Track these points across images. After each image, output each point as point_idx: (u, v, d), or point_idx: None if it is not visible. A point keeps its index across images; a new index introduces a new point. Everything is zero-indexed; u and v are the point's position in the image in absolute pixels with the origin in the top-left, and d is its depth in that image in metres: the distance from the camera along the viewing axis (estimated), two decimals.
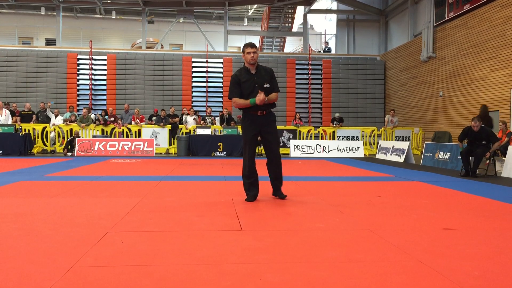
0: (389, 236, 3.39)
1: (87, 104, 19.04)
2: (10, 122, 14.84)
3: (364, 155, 14.85)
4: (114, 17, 25.41)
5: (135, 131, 15.32)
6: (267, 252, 2.91)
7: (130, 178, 7.47)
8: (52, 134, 15.28)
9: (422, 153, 12.19)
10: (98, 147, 14.13)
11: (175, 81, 20.02)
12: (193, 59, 20.24)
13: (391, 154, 12.96)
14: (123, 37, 26.58)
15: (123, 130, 15.23)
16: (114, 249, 2.96)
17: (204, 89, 20.18)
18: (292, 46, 28.18)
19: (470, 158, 8.40)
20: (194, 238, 3.30)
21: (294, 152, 14.52)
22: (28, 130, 14.66)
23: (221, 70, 20.29)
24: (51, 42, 24.13)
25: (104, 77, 19.82)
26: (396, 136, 16.20)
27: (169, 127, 15.36)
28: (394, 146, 13.03)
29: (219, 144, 14.34)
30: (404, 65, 18.87)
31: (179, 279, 2.37)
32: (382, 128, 16.37)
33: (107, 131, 15.23)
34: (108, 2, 22.03)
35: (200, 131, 14.69)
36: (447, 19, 15.50)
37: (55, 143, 15.30)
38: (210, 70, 20.22)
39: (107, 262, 2.68)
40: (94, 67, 19.81)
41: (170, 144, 15.38)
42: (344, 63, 20.80)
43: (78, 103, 19.51)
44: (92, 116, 15.85)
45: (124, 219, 3.94)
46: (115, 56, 19.86)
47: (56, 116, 15.58)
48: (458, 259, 2.78)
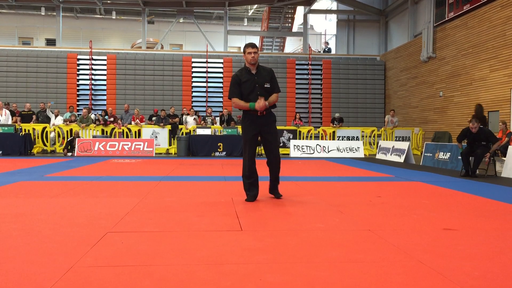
0: (389, 236, 3.39)
1: (87, 104, 19.04)
2: (10, 122, 14.84)
3: (364, 155, 14.85)
4: (114, 17, 25.42)
5: (135, 131, 15.32)
6: (267, 252, 2.91)
7: (130, 178, 7.47)
8: (52, 134, 15.27)
9: (422, 153, 12.19)
10: (98, 147, 14.13)
11: (175, 81, 20.02)
12: (193, 59, 20.25)
13: (391, 154, 12.96)
14: (123, 37, 26.58)
15: (123, 130, 15.23)
16: (114, 249, 2.96)
17: (204, 89, 20.18)
18: (292, 46, 28.18)
19: (470, 159, 8.40)
20: (194, 238, 3.29)
21: (294, 152, 14.52)
22: (28, 130, 14.66)
23: (221, 70, 20.30)
24: (51, 42, 24.13)
25: (104, 77, 19.83)
26: (396, 136, 16.19)
27: (169, 127, 15.36)
28: (394, 146, 13.03)
29: (219, 144, 14.34)
30: (404, 65, 18.87)
31: (179, 279, 2.37)
32: (382, 128, 16.37)
33: (107, 131, 15.22)
34: (108, 2, 22.03)
35: (200, 131, 14.69)
36: (447, 19, 15.50)
37: (55, 143, 15.30)
38: (210, 70, 20.22)
39: (107, 262, 2.68)
40: (94, 67, 19.81)
41: (170, 144, 15.38)
42: (344, 63, 20.80)
43: (78, 103, 19.51)
44: (92, 116, 15.85)
45: (124, 219, 3.94)
46: (115, 56, 19.86)
47: (56, 116, 15.58)
48: (458, 259, 2.78)
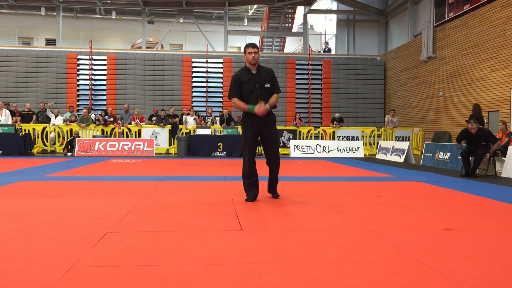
0: (389, 236, 3.39)
1: (87, 104, 19.05)
2: (10, 122, 14.84)
3: (364, 155, 14.85)
4: (114, 17, 25.42)
5: (135, 131, 15.32)
6: (267, 252, 2.91)
7: (130, 178, 7.47)
8: (52, 134, 15.27)
9: (422, 153, 12.19)
10: (98, 147, 14.13)
11: (175, 81, 20.02)
12: (193, 59, 20.25)
13: (391, 154, 12.96)
14: (123, 37, 26.58)
15: (123, 130, 15.23)
16: (114, 249, 2.96)
17: (204, 89, 20.18)
18: (292, 46, 28.18)
19: (470, 159, 8.40)
20: (194, 238, 3.29)
21: (294, 152, 14.52)
22: (28, 130, 14.66)
23: (221, 70, 20.30)
24: (51, 42, 24.13)
25: (104, 77, 19.83)
26: (396, 136, 16.19)
27: (169, 127, 15.36)
28: (394, 146, 13.03)
29: (219, 144, 14.34)
30: (404, 65, 18.87)
31: (179, 279, 2.37)
32: (382, 128, 16.37)
33: (107, 131, 15.23)
34: (108, 2, 22.04)
35: (200, 131, 14.68)
36: (447, 19, 15.50)
37: (55, 143, 15.30)
38: (210, 70, 20.22)
39: (107, 262, 2.68)
40: (94, 67, 19.81)
41: (170, 144, 15.38)
42: (344, 63, 20.80)
43: (78, 103, 19.52)
44: (92, 116, 15.85)
45: (124, 219, 3.94)
46: (115, 56, 19.86)
47: (56, 116, 15.58)
48: (458, 259, 2.78)
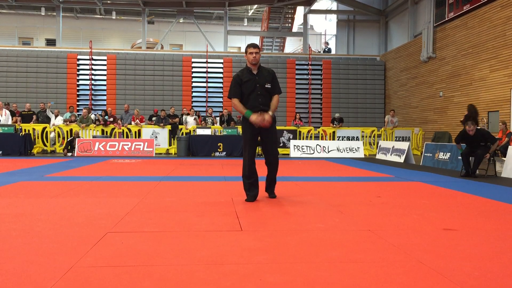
0: (389, 236, 3.39)
1: (87, 105, 19.05)
2: (10, 122, 14.84)
3: (364, 155, 14.85)
4: (114, 17, 25.42)
5: (135, 132, 15.32)
6: (267, 252, 2.91)
7: (130, 179, 7.47)
8: (52, 135, 15.27)
9: (422, 153, 12.19)
10: (98, 148, 14.13)
11: (175, 81, 20.02)
12: (193, 60, 20.25)
13: (391, 155, 12.96)
14: (123, 37, 26.58)
15: (123, 130, 15.23)
16: (114, 249, 2.96)
17: (204, 89, 20.18)
18: (292, 46, 28.18)
19: (470, 159, 8.40)
20: (194, 238, 3.29)
21: (294, 153, 14.52)
22: (28, 131, 14.65)
23: (221, 70, 20.30)
24: (51, 43, 24.13)
25: (104, 77, 19.83)
26: (396, 137, 16.19)
27: (169, 127, 15.36)
28: (394, 147, 13.03)
29: (219, 144, 14.34)
30: (404, 65, 18.87)
31: (179, 279, 2.37)
32: (382, 129, 16.37)
33: (107, 132, 15.23)
34: (108, 2, 22.04)
35: (200, 132, 14.68)
36: (447, 19, 15.50)
37: (55, 144, 15.29)
38: (210, 70, 20.22)
39: (107, 262, 2.68)
40: (94, 67, 19.81)
41: (170, 145, 15.38)
42: (344, 63, 20.80)
43: (78, 103, 19.51)
44: (92, 116, 15.85)
45: (124, 219, 3.94)
46: (115, 56, 19.86)
47: (56, 116, 15.58)
48: (458, 260, 2.78)
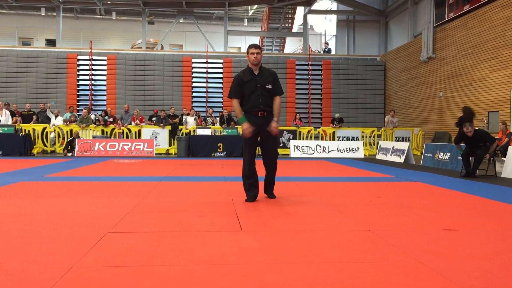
0: (389, 236, 3.39)
1: (87, 105, 19.04)
2: (10, 122, 14.84)
3: (364, 155, 14.85)
4: (114, 17, 25.42)
5: (135, 132, 15.32)
6: (267, 252, 2.91)
7: (130, 179, 7.47)
8: (52, 135, 15.27)
9: (422, 153, 12.19)
10: (98, 148, 14.13)
11: (175, 81, 20.02)
12: (193, 60, 20.25)
13: (391, 155, 12.96)
14: (123, 37, 26.58)
15: (123, 130, 15.24)
16: (114, 249, 2.96)
17: (204, 89, 20.18)
18: (292, 46, 28.18)
19: (470, 159, 8.40)
20: (194, 238, 3.29)
21: (294, 153, 14.52)
22: (28, 131, 14.65)
23: (221, 70, 20.30)
24: (51, 43, 24.13)
25: (104, 77, 19.83)
26: (396, 137, 16.19)
27: (169, 127, 15.36)
28: (394, 147, 13.03)
29: (219, 144, 14.34)
30: (404, 65, 18.87)
31: (179, 279, 2.37)
32: (382, 129, 16.37)
33: (107, 132, 15.23)
34: (108, 2, 22.04)
35: (200, 132, 14.68)
36: (447, 19, 15.50)
37: (55, 144, 15.29)
38: (210, 70, 20.22)
39: (107, 262, 2.68)
40: (94, 67, 19.81)
41: (170, 145, 15.38)
42: (344, 63, 20.80)
43: (78, 103, 19.51)
44: (92, 116, 15.85)
45: (124, 220, 3.94)
46: (115, 56, 19.86)
47: (56, 116, 15.58)
48: (458, 260, 2.78)
